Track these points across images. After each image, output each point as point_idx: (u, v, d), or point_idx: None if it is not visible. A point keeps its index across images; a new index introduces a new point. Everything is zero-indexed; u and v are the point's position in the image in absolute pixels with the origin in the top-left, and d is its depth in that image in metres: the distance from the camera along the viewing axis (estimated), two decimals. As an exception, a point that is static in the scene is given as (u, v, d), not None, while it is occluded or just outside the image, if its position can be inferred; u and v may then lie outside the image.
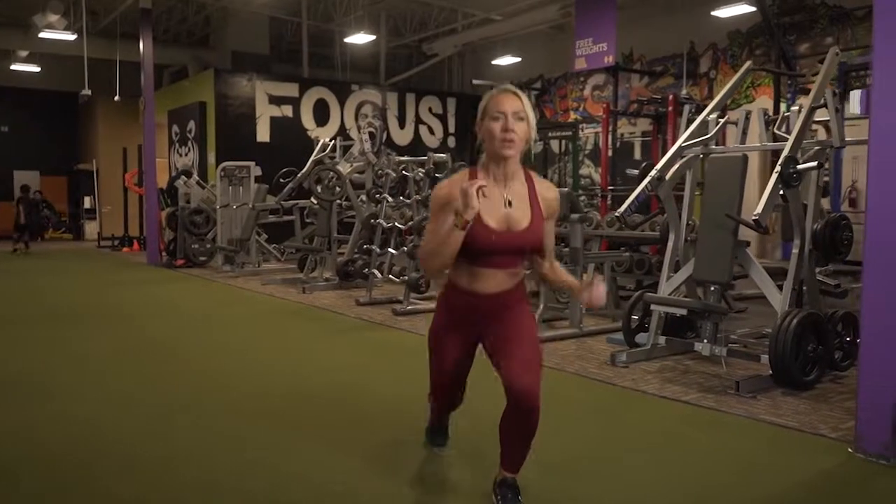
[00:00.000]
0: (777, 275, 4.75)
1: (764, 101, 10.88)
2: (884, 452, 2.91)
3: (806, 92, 8.67)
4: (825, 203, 6.47)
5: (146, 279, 9.66)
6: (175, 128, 14.73)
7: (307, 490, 2.69)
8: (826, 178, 6.12)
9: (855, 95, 3.34)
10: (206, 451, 3.10)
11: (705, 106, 5.09)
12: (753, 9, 11.23)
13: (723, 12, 11.55)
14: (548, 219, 2.39)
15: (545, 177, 13.86)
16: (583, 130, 13.95)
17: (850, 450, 3.04)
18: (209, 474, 2.84)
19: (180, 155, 14.53)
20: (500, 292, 2.37)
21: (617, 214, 4.64)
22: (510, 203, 2.31)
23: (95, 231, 17.33)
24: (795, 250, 4.27)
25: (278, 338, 5.76)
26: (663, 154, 10.65)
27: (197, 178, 11.57)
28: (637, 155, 13.50)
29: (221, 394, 4.02)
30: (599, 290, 2.26)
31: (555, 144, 13.66)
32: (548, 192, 2.41)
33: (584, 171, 14.08)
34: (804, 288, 4.49)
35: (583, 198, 13.08)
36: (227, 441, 3.22)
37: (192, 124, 13.94)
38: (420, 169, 6.84)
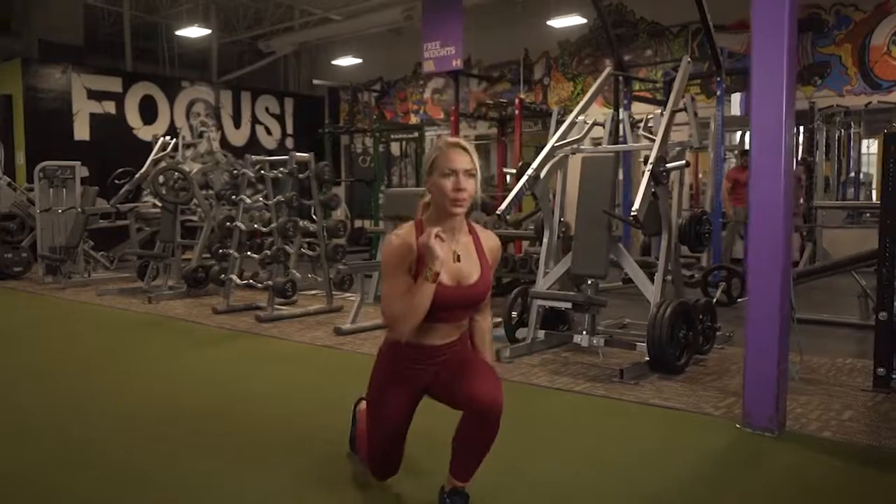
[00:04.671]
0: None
1: (594, 108, 11.65)
2: (768, 426, 3.20)
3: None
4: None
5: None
6: (-28, 123, 13.04)
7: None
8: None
9: (735, 98, 3.65)
10: (101, 488, 2.74)
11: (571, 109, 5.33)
12: (584, 20, 12.00)
13: (556, 22, 12.22)
14: (492, 268, 2.43)
15: (387, 178, 13.75)
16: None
17: (738, 425, 3.30)
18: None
19: (-20, 153, 12.88)
20: (447, 343, 2.40)
21: (498, 213, 4.72)
22: (459, 258, 2.33)
23: None
24: (664, 243, 4.59)
25: (140, 352, 5.25)
26: (508, 155, 11.07)
27: (7, 178, 10.31)
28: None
29: (89, 418, 3.59)
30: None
31: (395, 147, 13.75)
32: (490, 241, 2.45)
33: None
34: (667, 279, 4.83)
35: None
36: (116, 473, 2.88)
37: (-6, 119, 12.43)
38: (282, 168, 6.56)
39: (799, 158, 10.88)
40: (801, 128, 10.85)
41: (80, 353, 5.25)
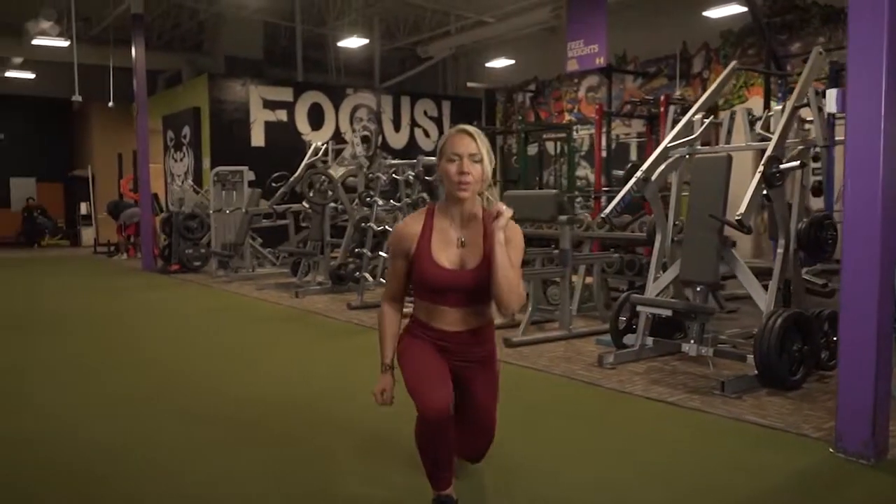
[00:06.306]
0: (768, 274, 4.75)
1: (756, 101, 10.88)
2: (863, 451, 2.90)
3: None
4: (819, 202, 6.41)
5: (140, 285, 9.66)
6: (170, 133, 14.74)
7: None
8: (819, 178, 6.07)
9: (831, 94, 3.27)
10: (201, 459, 3.09)
11: (691, 106, 5.07)
12: (745, 9, 11.24)
13: (714, 12, 11.56)
14: (512, 252, 2.32)
15: (540, 179, 13.65)
16: (577, 132, 13.96)
17: (830, 449, 3.03)
18: (205, 482, 2.84)
19: (175, 160, 14.54)
20: (463, 331, 2.42)
21: (603, 215, 4.62)
22: (463, 243, 2.38)
23: (92, 237, 17.33)
24: (780, 250, 4.27)
25: (271, 343, 5.76)
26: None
27: (191, 182, 11.57)
28: (633, 156, 13.51)
29: (212, 400, 4.01)
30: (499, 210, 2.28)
31: (550, 146, 13.71)
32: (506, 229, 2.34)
33: (580, 172, 14.10)
34: (791, 287, 4.49)
35: (579, 199, 13.18)
36: (219, 449, 3.22)
37: (186, 129, 13.95)
38: (410, 171, 6.84)
39: None
40: None
41: (216, 340, 5.83)
